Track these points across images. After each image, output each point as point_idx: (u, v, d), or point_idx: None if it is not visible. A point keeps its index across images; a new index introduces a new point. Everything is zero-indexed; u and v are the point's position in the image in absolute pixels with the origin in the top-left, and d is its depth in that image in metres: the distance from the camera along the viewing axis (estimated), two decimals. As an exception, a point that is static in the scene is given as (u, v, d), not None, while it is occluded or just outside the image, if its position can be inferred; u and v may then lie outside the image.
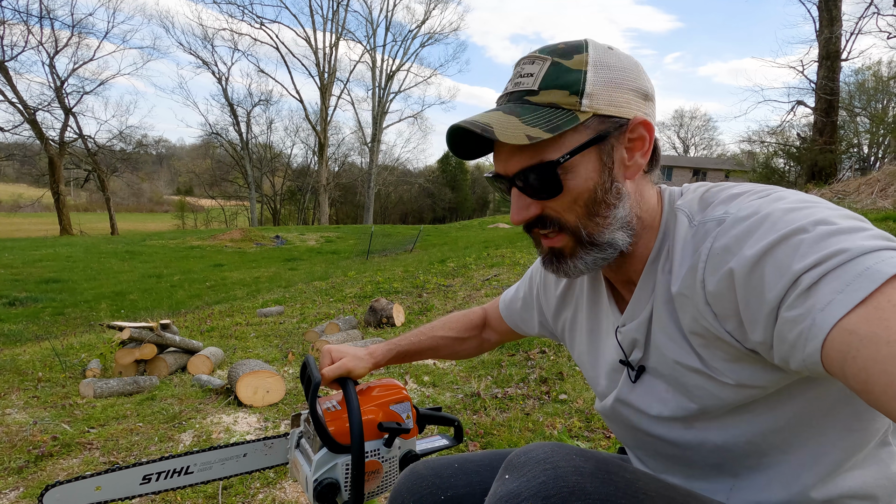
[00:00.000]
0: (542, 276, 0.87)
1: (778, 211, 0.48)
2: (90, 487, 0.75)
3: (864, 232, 0.44)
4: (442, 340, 0.98)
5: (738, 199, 0.55)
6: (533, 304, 0.89)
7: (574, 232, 0.59)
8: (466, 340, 1.01)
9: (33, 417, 2.33)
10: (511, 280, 6.08)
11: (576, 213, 0.58)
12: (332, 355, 0.85)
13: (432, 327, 1.00)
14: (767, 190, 0.55)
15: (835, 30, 14.36)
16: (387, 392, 0.83)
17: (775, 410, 0.56)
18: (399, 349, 0.94)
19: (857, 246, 0.42)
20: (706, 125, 53.85)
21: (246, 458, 0.84)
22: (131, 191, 43.78)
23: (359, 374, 0.85)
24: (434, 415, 0.90)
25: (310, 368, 0.80)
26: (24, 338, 5.86)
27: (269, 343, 4.27)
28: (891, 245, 0.42)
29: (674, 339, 0.59)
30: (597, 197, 0.57)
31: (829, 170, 14.50)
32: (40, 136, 23.62)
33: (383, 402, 0.81)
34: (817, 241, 0.44)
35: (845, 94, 18.14)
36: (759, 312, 0.47)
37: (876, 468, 0.57)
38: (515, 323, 0.94)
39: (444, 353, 1.00)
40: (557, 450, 0.52)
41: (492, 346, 1.04)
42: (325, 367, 0.82)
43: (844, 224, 0.45)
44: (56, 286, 9.75)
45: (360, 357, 0.86)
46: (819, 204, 0.49)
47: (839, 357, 0.40)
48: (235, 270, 12.44)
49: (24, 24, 23.15)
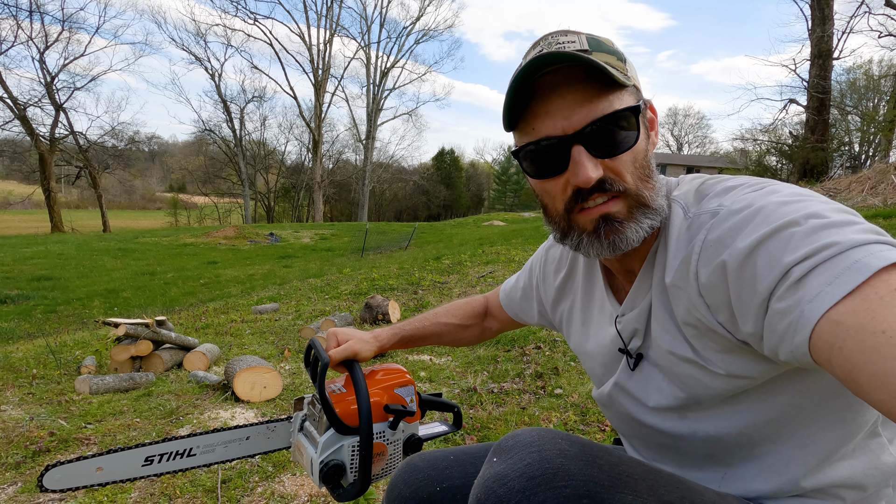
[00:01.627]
0: (542, 266, 0.88)
1: (771, 204, 0.49)
2: (91, 468, 0.73)
3: (855, 226, 0.45)
4: (445, 327, 1.00)
5: (732, 191, 0.56)
6: (533, 294, 0.90)
7: (635, 194, 0.57)
8: (469, 328, 1.02)
9: (29, 414, 2.33)
10: (506, 277, 6.10)
11: (634, 174, 0.57)
12: (339, 338, 0.85)
13: (436, 314, 1.01)
14: (762, 183, 0.56)
15: (827, 28, 14.48)
16: (391, 375, 0.83)
17: (765, 401, 0.57)
18: (404, 333, 0.95)
19: (847, 239, 0.42)
20: (699, 123, 54.09)
21: (249, 440, 0.84)
22: (123, 188, 43.40)
23: (364, 356, 0.85)
24: (435, 400, 0.91)
25: (317, 350, 0.80)
26: (15, 335, 5.82)
27: (264, 340, 4.27)
28: (880, 239, 0.43)
29: (668, 329, 0.61)
30: (647, 159, 0.59)
31: (820, 167, 14.63)
32: (30, 133, 23.35)
33: (388, 385, 0.81)
34: (809, 234, 0.45)
35: (837, 92, 18.29)
36: (750, 304, 0.48)
37: (866, 458, 0.58)
38: (515, 312, 0.96)
39: (447, 340, 1.01)
40: (544, 434, 0.53)
41: (493, 333, 1.05)
42: (332, 349, 0.82)
43: (836, 218, 0.46)
44: (48, 284, 9.67)
45: (365, 340, 0.86)
46: (812, 198, 0.50)
47: (826, 348, 0.40)
48: (230, 268, 12.38)
49: (14, 19, 22.88)
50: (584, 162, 0.55)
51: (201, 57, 34.90)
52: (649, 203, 0.58)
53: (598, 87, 0.55)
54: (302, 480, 1.76)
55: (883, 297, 0.39)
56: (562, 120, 0.55)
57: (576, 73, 0.55)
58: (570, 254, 0.81)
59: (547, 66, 0.55)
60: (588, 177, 0.55)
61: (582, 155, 0.55)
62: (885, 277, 0.40)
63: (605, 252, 0.59)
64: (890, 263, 0.40)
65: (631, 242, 0.58)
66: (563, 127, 0.55)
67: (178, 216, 41.12)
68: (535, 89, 0.57)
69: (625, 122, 0.56)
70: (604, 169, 0.56)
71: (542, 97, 0.56)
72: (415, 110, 42.55)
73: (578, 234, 0.60)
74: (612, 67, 0.55)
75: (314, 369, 0.81)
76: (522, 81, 0.56)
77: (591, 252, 0.60)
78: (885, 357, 0.37)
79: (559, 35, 0.59)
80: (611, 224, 0.58)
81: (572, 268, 0.81)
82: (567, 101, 0.55)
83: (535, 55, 0.55)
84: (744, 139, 21.25)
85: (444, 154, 53.72)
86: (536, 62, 0.54)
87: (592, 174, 0.55)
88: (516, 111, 0.58)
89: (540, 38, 0.61)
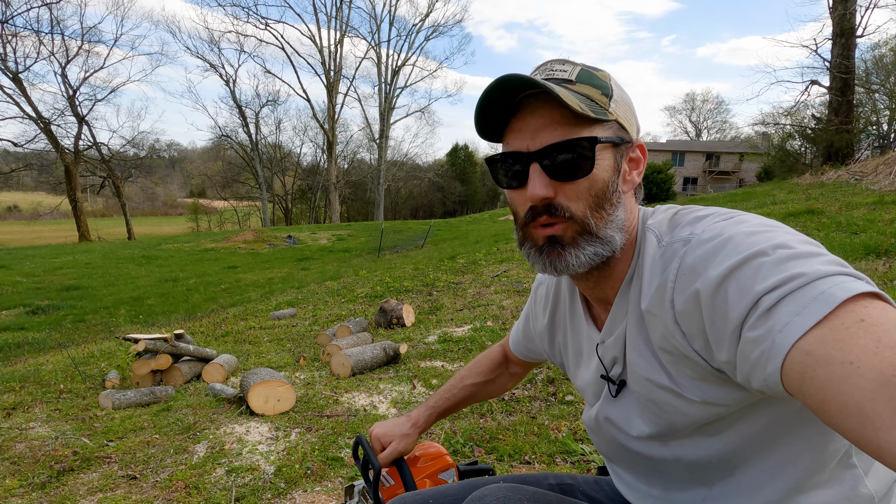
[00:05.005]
0: (533, 307, 0.90)
1: (740, 234, 0.51)
2: None
3: (821, 257, 0.46)
4: (473, 388, 1.04)
5: (702, 220, 0.58)
6: (533, 336, 0.93)
7: (581, 220, 0.60)
8: (495, 381, 1.06)
9: (55, 431, 2.42)
10: (520, 276, 6.08)
11: (586, 202, 0.60)
12: (382, 441, 0.95)
13: (461, 377, 1.06)
14: (731, 213, 0.58)
15: (849, 5, 13.97)
16: (433, 461, 0.93)
17: (740, 428, 0.59)
18: (437, 411, 1.02)
19: (813, 270, 0.44)
20: (718, 108, 52.87)
21: None
22: (146, 195, 44.45)
23: (409, 451, 0.95)
24: (472, 469, 0.98)
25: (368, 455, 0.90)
26: (46, 346, 6.04)
27: (281, 347, 4.34)
28: (844, 270, 0.45)
29: (644, 356, 0.62)
30: (607, 192, 0.60)
31: (845, 150, 14.17)
32: (56, 146, 24.12)
33: (432, 472, 0.91)
34: (777, 264, 0.46)
35: (862, 71, 17.61)
36: (723, 332, 0.49)
37: (839, 489, 0.59)
38: (527, 355, 0.99)
39: (479, 398, 1.06)
40: (512, 493, 0.54)
41: (521, 377, 1.09)
42: (381, 455, 0.93)
43: (802, 248, 0.47)
44: (76, 293, 10.00)
45: (406, 434, 0.95)
46: (778, 228, 0.52)
47: (798, 377, 0.41)
48: (249, 272, 12.62)
49: (36, 35, 23.59)
50: (536, 180, 0.58)
51: (216, 64, 35.57)
52: (595, 232, 0.60)
53: (568, 116, 0.58)
54: (313, 497, 1.79)
55: (849, 327, 0.40)
56: (528, 139, 0.59)
57: (552, 99, 0.58)
58: (553, 289, 0.82)
59: (526, 89, 0.58)
60: (535, 193, 0.58)
61: (535, 173, 0.59)
62: (851, 308, 0.41)
63: (548, 271, 0.62)
64: (854, 294, 0.41)
65: (571, 266, 0.60)
66: (528, 145, 0.59)
67: (199, 221, 41.99)
68: (518, 108, 0.60)
69: (580, 150, 0.58)
70: (558, 191, 0.59)
71: (521, 116, 0.60)
72: (427, 107, 42.63)
73: (529, 246, 0.64)
74: (586, 100, 0.58)
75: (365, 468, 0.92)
76: (497, 99, 0.59)
77: (536, 267, 0.64)
78: (855, 387, 0.37)
79: (556, 63, 0.63)
80: (553, 245, 0.61)
81: (556, 302, 0.82)
82: (539, 122, 0.59)
83: (506, 75, 0.58)
84: (765, 123, 20.65)
85: (459, 150, 53.61)
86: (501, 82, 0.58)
87: (540, 192, 0.58)
88: (500, 124, 0.63)
89: (542, 63, 0.65)
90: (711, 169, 38.00)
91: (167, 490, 1.85)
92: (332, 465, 2.00)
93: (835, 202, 7.19)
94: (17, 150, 24.91)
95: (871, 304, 0.41)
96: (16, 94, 22.83)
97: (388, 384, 3.02)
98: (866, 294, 0.42)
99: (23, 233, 32.43)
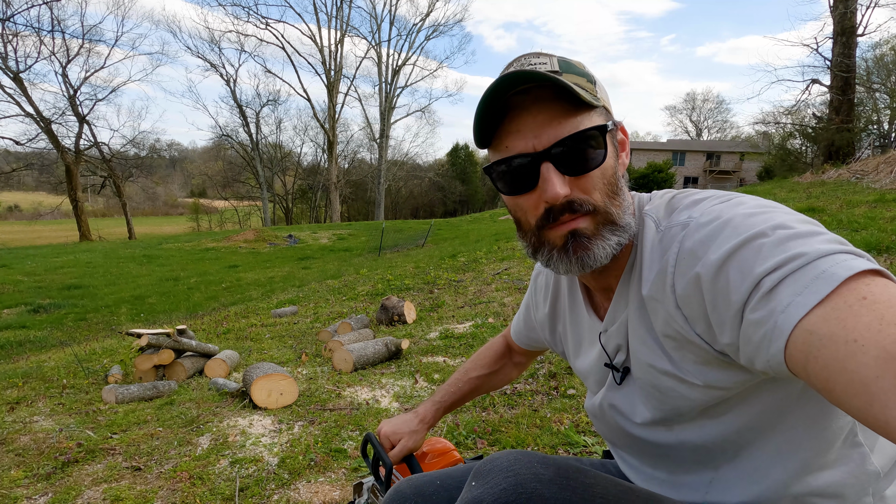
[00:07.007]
0: (533, 296, 0.90)
1: (738, 216, 0.51)
2: None
3: (820, 236, 0.46)
4: (478, 380, 1.05)
5: (700, 203, 0.58)
6: (534, 325, 0.93)
7: (604, 211, 0.58)
8: (499, 371, 1.07)
9: (59, 424, 2.43)
10: (521, 274, 6.08)
11: (602, 192, 0.58)
12: (391, 439, 0.96)
13: (466, 371, 1.06)
14: (728, 196, 0.57)
15: (850, 4, 13.96)
16: (442, 456, 0.96)
17: (744, 410, 0.59)
18: (444, 405, 1.03)
19: (814, 250, 0.44)
20: (718, 107, 52.83)
21: None
22: (146, 195, 44.44)
23: (418, 447, 0.96)
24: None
25: (378, 453, 0.92)
26: (48, 344, 6.05)
27: (283, 344, 4.35)
28: (845, 248, 0.44)
29: (646, 342, 0.62)
30: (615, 178, 0.60)
31: (846, 149, 14.16)
32: (57, 145, 24.13)
33: (441, 467, 0.91)
34: (777, 244, 0.46)
35: (863, 69, 17.59)
36: (725, 314, 0.48)
37: (846, 468, 0.59)
38: (529, 344, 1.00)
39: (485, 390, 1.07)
40: (520, 458, 0.55)
41: (525, 366, 1.10)
42: (391, 452, 0.94)
43: (801, 228, 0.47)
44: (77, 292, 10.00)
45: (415, 431, 0.96)
46: (777, 209, 0.51)
47: (802, 357, 0.41)
48: (250, 271, 12.62)
49: (37, 35, 23.61)
50: (553, 179, 0.56)
51: (216, 64, 35.61)
52: (617, 220, 0.59)
53: (566, 107, 0.56)
54: (317, 488, 1.80)
55: (851, 305, 0.40)
56: (532, 138, 0.56)
57: (545, 93, 0.56)
58: (553, 278, 0.83)
59: (517, 85, 0.56)
60: (556, 193, 0.56)
61: (550, 172, 0.56)
62: (853, 286, 0.41)
63: (574, 268, 0.59)
64: (856, 272, 0.41)
65: (598, 259, 0.59)
66: (533, 145, 0.56)
67: (200, 220, 42.00)
68: (507, 108, 0.58)
69: (592, 140, 0.57)
70: (572, 187, 0.57)
71: (514, 116, 0.57)
72: (427, 107, 42.61)
73: (549, 249, 0.61)
74: (580, 88, 0.56)
75: (375, 466, 0.94)
76: (493, 99, 0.56)
77: (560, 268, 0.61)
78: (860, 365, 0.37)
79: (531, 57, 0.61)
80: (579, 240, 0.58)
81: (556, 291, 0.82)
82: (537, 119, 0.56)
83: (504, 73, 0.56)
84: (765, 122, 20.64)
85: (459, 149, 53.60)
86: (506, 80, 0.55)
87: (560, 191, 0.56)
88: (489, 129, 0.59)
89: (513, 60, 0.62)
90: (712, 168, 38.02)
91: (171, 480, 1.86)
92: (335, 457, 2.01)
93: (836, 200, 7.19)
94: (18, 150, 24.94)
95: (873, 282, 0.41)
96: (17, 93, 22.85)
97: (391, 379, 3.02)
98: (868, 271, 0.42)
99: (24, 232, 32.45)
